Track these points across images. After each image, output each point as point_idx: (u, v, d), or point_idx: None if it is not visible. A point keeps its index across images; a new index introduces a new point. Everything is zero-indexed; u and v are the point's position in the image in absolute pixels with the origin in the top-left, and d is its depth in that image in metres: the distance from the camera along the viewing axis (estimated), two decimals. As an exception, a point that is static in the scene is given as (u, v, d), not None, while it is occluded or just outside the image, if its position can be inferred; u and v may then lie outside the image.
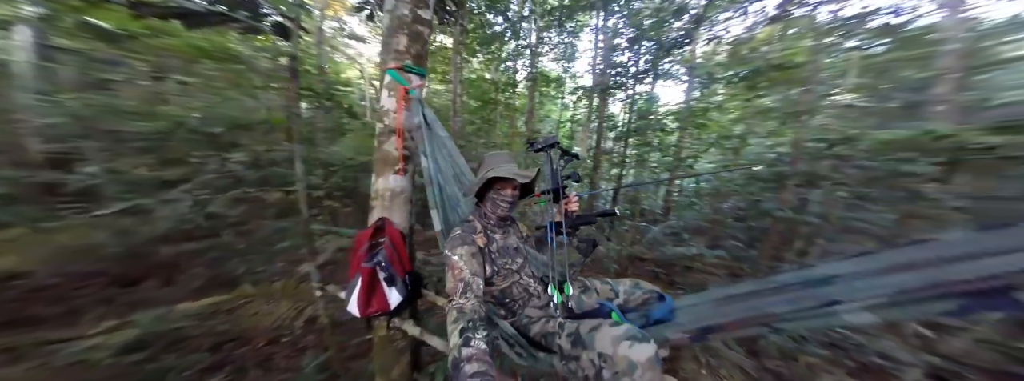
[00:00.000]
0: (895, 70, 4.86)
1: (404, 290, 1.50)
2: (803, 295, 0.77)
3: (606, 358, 0.81)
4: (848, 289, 0.71)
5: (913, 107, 4.20)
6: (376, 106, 1.65)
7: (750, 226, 3.02)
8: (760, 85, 3.79)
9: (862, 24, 3.96)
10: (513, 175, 1.10)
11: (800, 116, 3.29)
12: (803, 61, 3.70)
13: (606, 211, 1.29)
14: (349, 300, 1.49)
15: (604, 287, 1.23)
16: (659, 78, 5.27)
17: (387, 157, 1.60)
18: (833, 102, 3.89)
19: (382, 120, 1.61)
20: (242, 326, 2.66)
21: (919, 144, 2.50)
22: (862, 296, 0.68)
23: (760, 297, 0.85)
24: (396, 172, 1.60)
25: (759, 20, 4.14)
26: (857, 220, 2.72)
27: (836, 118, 3.59)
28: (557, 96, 8.08)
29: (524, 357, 1.02)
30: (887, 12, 4.01)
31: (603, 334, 0.84)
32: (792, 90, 3.76)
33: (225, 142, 3.88)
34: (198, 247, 3.39)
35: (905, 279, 0.66)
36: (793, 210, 2.68)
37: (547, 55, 7.47)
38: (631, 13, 5.09)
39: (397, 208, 1.64)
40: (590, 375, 0.84)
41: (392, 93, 1.57)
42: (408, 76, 1.55)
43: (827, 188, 2.74)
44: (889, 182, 2.67)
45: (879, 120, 4.09)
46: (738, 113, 4.25)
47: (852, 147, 2.64)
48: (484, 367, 0.72)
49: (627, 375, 0.77)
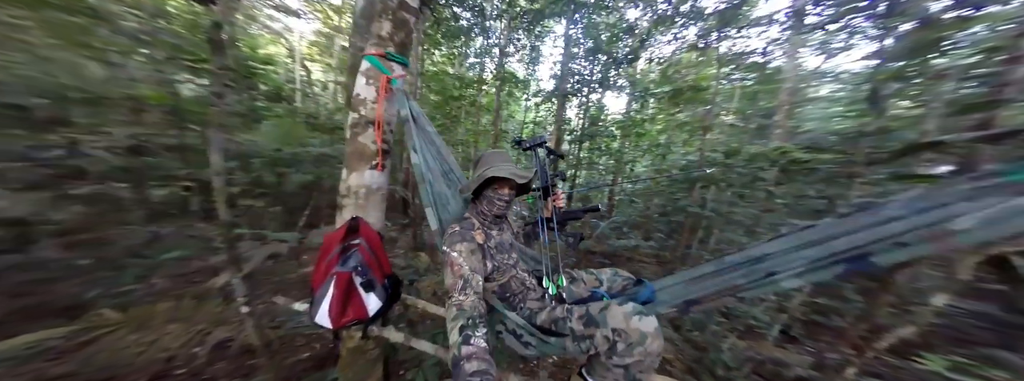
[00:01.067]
0: (758, 99, 6.39)
1: (383, 296, 1.39)
2: (751, 270, 0.98)
3: (620, 332, 0.88)
4: (778, 263, 0.93)
5: (764, 128, 5.61)
6: (353, 95, 1.49)
7: (670, 220, 3.61)
8: (679, 102, 4.56)
9: (742, 60, 5.09)
10: (511, 175, 1.11)
11: (704, 130, 4.08)
12: (707, 85, 4.58)
13: (591, 207, 1.41)
14: (317, 311, 1.32)
15: (589, 277, 1.34)
16: (608, 89, 5.83)
17: (362, 150, 1.46)
18: (723, 120, 4.91)
19: (357, 110, 1.46)
20: (96, 365, 1.98)
21: (769, 156, 3.32)
22: (789, 267, 0.89)
23: (721, 275, 1.05)
24: (373, 167, 1.47)
25: (681, 47, 4.98)
26: (735, 213, 3.45)
27: (724, 134, 4.56)
28: (520, 98, 8.21)
29: (534, 345, 1.05)
30: (758, 52, 5.24)
31: (614, 312, 0.92)
32: (699, 108, 4.63)
33: (50, 119, 2.83)
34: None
35: (812, 253, 0.89)
36: (698, 206, 3.30)
37: (514, 56, 7.54)
38: (590, 25, 5.51)
39: (373, 206, 1.50)
40: (603, 350, 0.92)
41: (371, 81, 1.44)
42: (390, 65, 1.44)
43: (718, 189, 3.45)
44: (753, 185, 3.48)
45: (750, 136, 5.38)
46: (663, 125, 5.00)
47: (734, 157, 3.38)
48: (484, 366, 0.72)
49: (640, 344, 0.87)
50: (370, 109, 1.45)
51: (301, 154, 4.21)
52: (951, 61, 2.75)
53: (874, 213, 0.89)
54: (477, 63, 7.16)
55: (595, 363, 1.00)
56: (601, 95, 6.00)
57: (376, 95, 1.44)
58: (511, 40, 6.61)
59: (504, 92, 7.02)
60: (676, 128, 4.74)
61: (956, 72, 2.70)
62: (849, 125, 4.51)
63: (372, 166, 1.47)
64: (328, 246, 1.42)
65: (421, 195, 1.21)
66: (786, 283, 0.88)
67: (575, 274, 1.36)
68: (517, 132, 6.72)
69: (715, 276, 1.05)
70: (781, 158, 2.93)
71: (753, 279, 0.93)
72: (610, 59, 5.08)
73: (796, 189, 3.20)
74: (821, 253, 0.86)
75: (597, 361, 0.98)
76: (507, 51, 6.58)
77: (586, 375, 1.11)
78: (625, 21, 5.46)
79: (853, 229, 0.87)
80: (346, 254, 1.40)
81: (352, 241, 1.43)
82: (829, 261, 0.83)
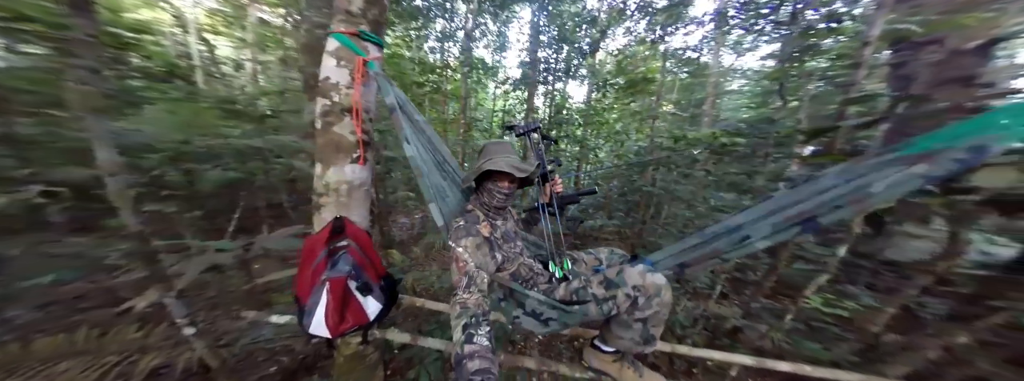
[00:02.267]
0: (692, 91, 7.12)
1: (382, 298, 1.31)
2: (729, 238, 1.14)
3: (639, 288, 1.00)
4: (750, 230, 1.11)
5: (697, 116, 6.34)
6: (320, 79, 1.31)
7: (627, 200, 3.94)
8: (632, 93, 4.86)
9: (680, 55, 5.61)
10: (510, 168, 1.09)
11: (652, 119, 4.45)
12: (655, 78, 4.96)
13: (588, 190, 1.47)
14: (311, 321, 1.21)
15: (589, 257, 1.42)
16: (572, 78, 5.88)
17: (339, 142, 1.31)
18: (666, 110, 5.40)
19: (328, 96, 1.29)
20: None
21: (704, 141, 3.77)
22: (759, 232, 1.07)
23: (707, 244, 1.20)
24: (355, 160, 1.33)
25: (633, 40, 5.25)
26: (678, 191, 3.89)
27: (666, 122, 5.04)
28: (486, 85, 7.84)
29: (556, 318, 1.10)
30: (692, 49, 5.80)
31: (630, 272, 1.03)
32: (648, 98, 5.01)
33: None
34: None
35: (774, 219, 1.09)
36: (650, 186, 3.66)
37: (480, 42, 7.14)
38: (555, 14, 5.44)
39: (357, 204, 1.37)
40: (625, 308, 1.02)
41: (343, 63, 1.28)
42: (364, 45, 1.29)
43: (666, 170, 3.86)
44: (692, 166, 3.94)
45: (686, 124, 6.02)
46: (618, 114, 5.31)
47: (680, 142, 3.78)
48: (487, 364, 0.73)
49: (657, 296, 0.99)
50: (344, 95, 1.29)
51: (218, 147, 3.57)
52: (816, 64, 3.38)
53: (814, 184, 1.11)
54: (438, 47, 6.69)
55: (612, 325, 1.09)
56: (565, 84, 6.11)
57: (350, 79, 1.29)
58: (477, 25, 6.29)
59: (472, 79, 6.70)
60: (630, 117, 5.11)
61: (818, 73, 3.33)
62: (753, 114, 5.36)
63: (353, 160, 1.33)
64: (311, 250, 1.28)
65: (422, 190, 1.14)
66: (759, 244, 1.06)
67: (576, 255, 1.42)
68: (487, 121, 6.53)
69: (702, 246, 1.19)
70: (713, 142, 3.36)
71: (732, 244, 1.10)
72: (574, 48, 5.17)
73: (723, 168, 3.69)
74: (781, 218, 1.05)
75: (615, 322, 1.07)
76: (473, 36, 6.26)
77: (600, 345, 1.20)
78: (589, 12, 5.57)
79: (802, 198, 1.08)
80: (334, 257, 1.28)
81: (338, 243, 1.31)
82: (788, 224, 1.02)
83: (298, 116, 3.94)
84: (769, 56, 5.41)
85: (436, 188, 1.23)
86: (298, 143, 3.61)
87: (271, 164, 3.70)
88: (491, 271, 1.10)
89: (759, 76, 6.96)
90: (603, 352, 1.21)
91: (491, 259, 1.10)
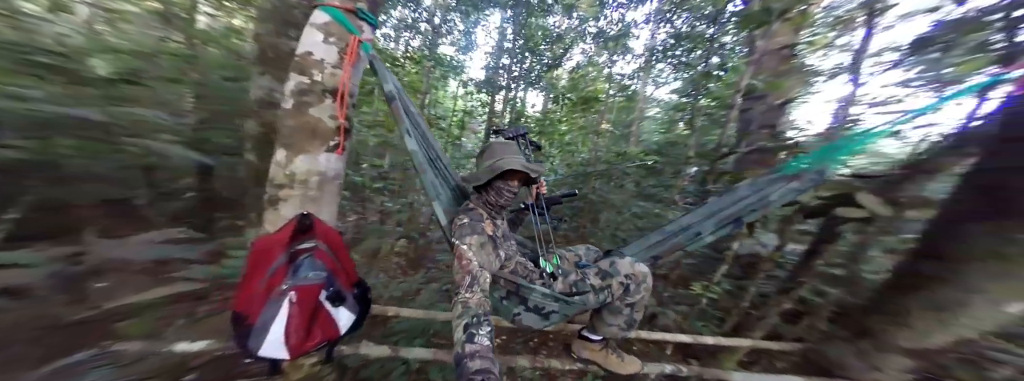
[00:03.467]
0: (626, 112, 8.28)
1: (356, 307, 1.15)
2: (686, 234, 1.37)
3: (631, 276, 1.13)
4: (699, 227, 1.34)
5: (627, 135, 7.46)
6: (299, 53, 1.11)
7: (573, 206, 4.30)
8: (582, 109, 5.41)
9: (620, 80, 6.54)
10: (525, 168, 1.13)
11: (595, 134, 5.07)
12: (599, 97, 5.66)
13: (569, 193, 1.59)
14: (261, 341, 0.99)
15: (569, 254, 1.50)
16: (533, 88, 5.97)
17: (315, 127, 1.13)
18: (606, 127, 6.17)
19: (307, 73, 1.11)
20: None
21: (634, 157, 4.47)
22: (706, 229, 1.31)
23: (668, 240, 1.41)
24: (332, 149, 1.16)
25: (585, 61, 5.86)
26: (613, 199, 4.44)
27: (604, 138, 5.77)
28: (446, 83, 7.11)
29: (557, 310, 1.15)
30: (628, 76, 6.80)
31: (622, 263, 1.16)
32: (592, 115, 5.67)
33: None
34: None
35: (714, 219, 1.34)
36: (592, 194, 4.12)
37: (447, 38, 6.71)
38: (525, 25, 5.52)
39: (328, 199, 1.19)
40: (618, 294, 1.14)
41: (332, 40, 1.12)
42: (359, 24, 1.17)
43: (604, 180, 4.40)
44: (624, 177, 4.59)
45: (618, 141, 6.97)
46: (568, 127, 5.74)
47: (621, 156, 4.39)
48: (487, 364, 0.73)
49: (644, 282, 1.14)
50: (328, 75, 1.13)
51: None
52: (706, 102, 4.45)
53: (734, 194, 1.42)
54: (393, 36, 6.15)
55: (604, 313, 1.20)
56: (525, 93, 6.29)
57: (338, 58, 1.14)
58: (445, 20, 5.91)
59: (434, 75, 6.19)
60: (578, 130, 5.66)
61: (702, 109, 4.42)
62: (662, 139, 6.68)
63: (330, 147, 1.16)
64: (266, 254, 1.05)
65: (425, 187, 1.09)
66: (707, 239, 1.30)
67: (560, 252, 1.52)
68: (446, 120, 6.09)
69: (665, 242, 1.41)
70: (642, 158, 4.06)
71: (689, 238, 1.33)
72: (537, 60, 5.41)
73: (645, 181, 4.42)
74: (719, 219, 1.33)
75: (607, 309, 1.19)
76: (440, 30, 5.86)
77: (588, 335, 1.32)
78: (557, 29, 5.93)
79: (730, 204, 1.37)
80: (296, 262, 1.08)
81: (303, 245, 1.11)
82: (723, 223, 1.29)
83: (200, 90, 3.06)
84: (675, 91, 6.81)
85: (433, 186, 1.18)
86: (165, 121, 2.78)
87: (102, 146, 2.71)
88: (495, 269, 1.10)
89: (668, 107, 8.68)
90: (591, 341, 1.32)
91: (495, 257, 1.10)
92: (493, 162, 1.13)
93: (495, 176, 1.17)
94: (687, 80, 5.44)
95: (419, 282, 2.67)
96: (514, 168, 1.12)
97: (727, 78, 3.91)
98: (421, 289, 2.59)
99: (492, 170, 1.11)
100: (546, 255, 1.29)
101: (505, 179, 1.17)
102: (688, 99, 4.20)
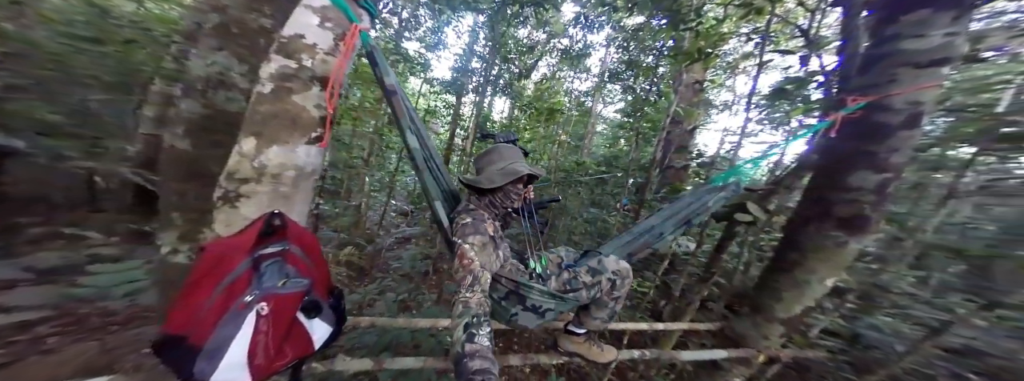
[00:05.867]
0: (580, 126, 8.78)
1: (332, 318, 1.03)
2: (651, 234, 1.55)
3: (617, 272, 1.22)
4: (662, 228, 1.54)
5: (579, 147, 7.91)
6: (286, 34, 0.99)
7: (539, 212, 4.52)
8: (545, 119, 5.60)
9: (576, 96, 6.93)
10: (533, 171, 1.18)
11: (555, 143, 5.28)
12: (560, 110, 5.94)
13: (553, 198, 1.67)
14: (216, 365, 0.83)
15: (553, 255, 1.56)
16: (501, 94, 5.87)
17: (295, 116, 1.01)
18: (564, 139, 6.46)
19: (294, 57, 1.00)
20: None
21: (587, 167, 4.74)
22: (667, 229, 1.51)
23: (637, 239, 1.57)
24: (313, 141, 1.04)
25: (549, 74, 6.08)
26: (570, 204, 4.62)
27: (562, 148, 6.07)
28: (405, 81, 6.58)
29: (553, 308, 1.18)
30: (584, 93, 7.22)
31: (608, 261, 1.25)
32: (552, 127, 5.91)
33: None
34: None
35: (673, 221, 1.55)
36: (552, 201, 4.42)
37: (414, 33, 6.28)
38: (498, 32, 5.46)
39: (301, 198, 1.05)
40: (606, 289, 1.22)
41: (329, 25, 1.03)
42: (359, 11, 1.09)
43: (562, 188, 4.60)
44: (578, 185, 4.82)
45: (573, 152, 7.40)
46: (531, 135, 5.83)
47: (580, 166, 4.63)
48: (487, 364, 0.74)
49: (627, 277, 1.24)
50: (320, 61, 1.03)
51: None
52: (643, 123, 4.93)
53: (681, 200, 1.69)
54: None
55: (591, 308, 1.28)
56: (492, 99, 6.22)
57: (333, 45, 1.05)
58: (414, 15, 5.58)
59: (397, 70, 5.77)
60: (539, 140, 5.83)
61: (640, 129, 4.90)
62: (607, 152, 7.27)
63: (312, 139, 1.04)
64: (218, 262, 0.90)
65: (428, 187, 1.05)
66: (669, 237, 1.52)
67: (546, 255, 1.55)
68: None
69: (635, 241, 1.57)
70: (595, 169, 4.34)
71: (655, 238, 1.52)
72: (506, 69, 5.43)
73: (596, 189, 4.73)
74: (675, 220, 1.55)
75: (595, 304, 1.26)
76: (408, 24, 5.52)
77: (574, 329, 1.36)
78: (528, 40, 6.01)
79: (681, 208, 1.62)
80: (260, 269, 0.94)
81: (270, 248, 0.97)
82: (678, 224, 1.51)
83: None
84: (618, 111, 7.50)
85: (432, 186, 1.16)
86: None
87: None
88: (495, 269, 1.10)
89: (613, 124, 9.49)
90: (576, 335, 1.39)
91: (496, 257, 1.10)
92: (506, 165, 1.14)
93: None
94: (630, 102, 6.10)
95: (373, 293, 2.48)
96: (533, 173, 1.14)
97: (659, 104, 4.45)
98: (375, 300, 2.40)
99: (510, 173, 1.11)
100: (535, 256, 1.31)
101: (514, 182, 1.18)
102: (629, 119, 4.65)
